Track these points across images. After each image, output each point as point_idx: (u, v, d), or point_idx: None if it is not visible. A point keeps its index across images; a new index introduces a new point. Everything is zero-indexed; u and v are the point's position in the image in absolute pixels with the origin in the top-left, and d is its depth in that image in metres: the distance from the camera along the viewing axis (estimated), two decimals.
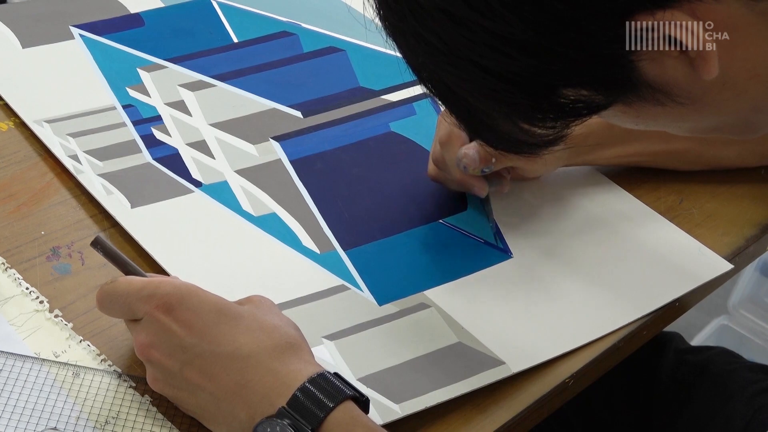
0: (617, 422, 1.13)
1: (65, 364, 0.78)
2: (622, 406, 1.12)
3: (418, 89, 1.07)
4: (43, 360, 0.78)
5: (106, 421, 0.75)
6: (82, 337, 0.80)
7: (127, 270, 0.79)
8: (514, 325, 0.87)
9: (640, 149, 1.01)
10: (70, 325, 0.81)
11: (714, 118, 0.68)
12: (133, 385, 0.77)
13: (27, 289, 0.83)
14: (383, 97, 1.07)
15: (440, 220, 0.95)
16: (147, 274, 0.79)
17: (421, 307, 0.87)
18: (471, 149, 0.92)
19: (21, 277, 0.83)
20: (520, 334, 0.86)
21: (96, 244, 0.79)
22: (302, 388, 0.71)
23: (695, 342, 1.70)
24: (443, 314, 0.87)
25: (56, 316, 0.81)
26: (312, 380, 0.72)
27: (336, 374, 0.74)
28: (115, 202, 0.91)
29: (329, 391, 0.71)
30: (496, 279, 0.91)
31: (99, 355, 0.79)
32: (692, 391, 1.10)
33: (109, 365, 0.78)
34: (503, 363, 0.83)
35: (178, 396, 0.75)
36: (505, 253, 0.93)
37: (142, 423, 0.75)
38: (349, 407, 0.72)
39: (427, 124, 1.05)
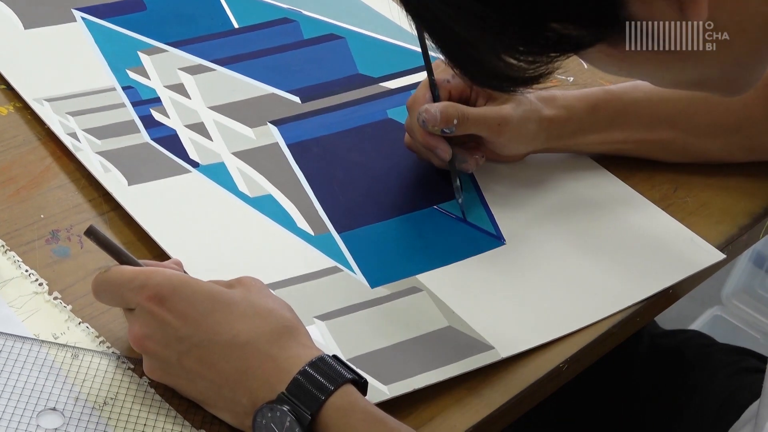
0: (595, 412, 1.13)
1: (64, 345, 0.78)
2: (599, 394, 1.13)
3: (416, 77, 1.09)
4: (42, 341, 0.78)
5: (105, 402, 0.75)
6: (80, 319, 0.80)
7: (121, 259, 0.79)
8: (504, 311, 0.87)
9: (624, 137, 1.00)
10: (69, 307, 0.81)
11: (696, 70, 0.69)
12: (132, 367, 0.78)
13: (26, 271, 0.83)
14: (381, 84, 1.08)
15: (435, 206, 0.96)
16: (141, 262, 0.79)
17: (412, 290, 0.88)
18: (433, 106, 0.93)
19: (20, 260, 0.84)
20: (511, 319, 0.87)
21: (89, 233, 0.79)
22: (302, 373, 0.72)
23: None
24: (434, 298, 0.87)
25: (55, 298, 0.82)
26: (311, 364, 0.72)
27: (335, 357, 0.74)
28: (112, 180, 0.92)
29: (329, 375, 0.72)
30: (489, 265, 0.92)
31: (98, 337, 0.79)
32: (668, 376, 1.10)
33: (107, 347, 0.79)
34: (492, 348, 0.83)
35: (177, 383, 0.76)
36: (498, 240, 0.94)
37: (140, 404, 0.76)
38: (348, 391, 0.72)
39: None
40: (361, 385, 0.74)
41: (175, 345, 0.74)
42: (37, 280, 0.83)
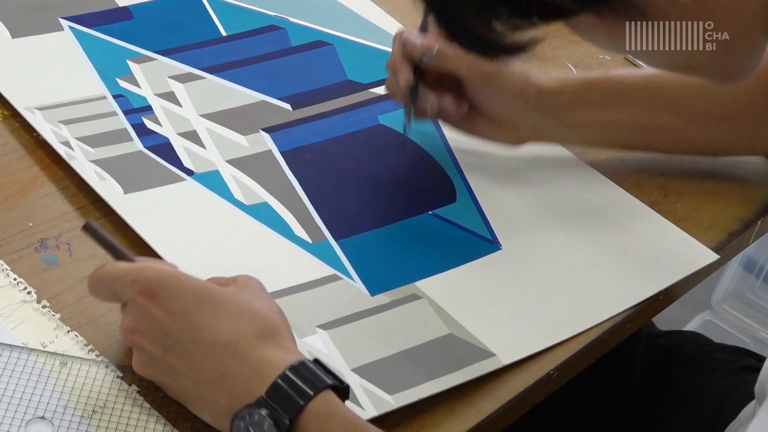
0: (592, 412, 1.13)
1: (53, 353, 0.78)
2: (595, 394, 1.13)
3: None
4: (31, 349, 0.78)
5: (94, 411, 0.75)
6: (69, 328, 0.80)
7: (117, 255, 0.79)
8: (503, 317, 0.87)
9: (620, 118, 0.99)
10: (58, 315, 0.81)
11: (686, 48, 0.68)
12: (120, 375, 0.78)
13: (15, 279, 0.83)
14: (371, 90, 1.08)
15: (429, 212, 0.96)
16: (136, 258, 0.79)
17: (412, 298, 0.88)
18: (416, 32, 0.93)
19: (9, 268, 0.84)
20: (510, 325, 0.87)
21: (87, 228, 0.79)
22: (282, 377, 0.71)
23: None
24: (434, 305, 0.87)
25: (44, 306, 0.81)
26: (292, 368, 0.72)
27: (316, 361, 0.73)
28: (107, 188, 0.92)
29: (309, 380, 0.71)
30: (486, 270, 0.92)
31: (86, 345, 0.79)
32: (666, 375, 1.10)
33: (96, 355, 0.79)
34: (494, 355, 0.83)
35: (162, 381, 0.76)
36: (494, 245, 0.94)
37: (129, 412, 0.75)
38: (328, 397, 0.72)
39: None
40: (342, 391, 0.74)
41: (161, 340, 0.74)
42: (25, 288, 0.83)
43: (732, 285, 1.88)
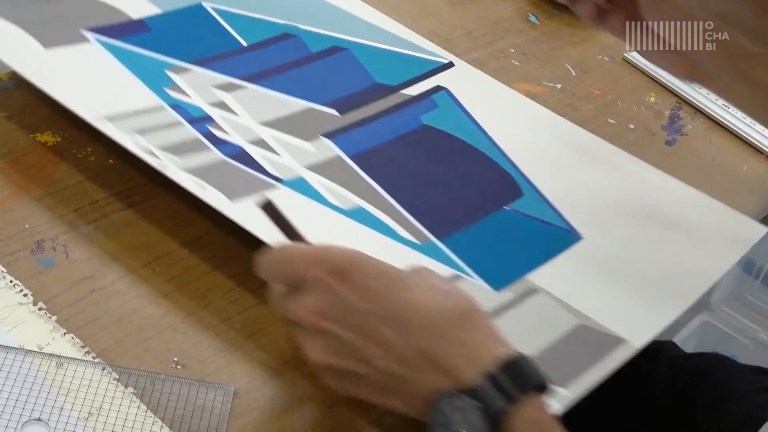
0: (608, 429, 1.13)
1: (49, 355, 0.78)
2: (614, 415, 1.13)
3: (432, 81, 1.09)
4: (27, 351, 0.78)
5: (90, 413, 0.75)
6: (65, 330, 0.80)
7: (295, 237, 0.75)
8: (616, 302, 0.87)
9: None
10: (54, 317, 0.81)
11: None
12: (117, 377, 0.77)
13: (11, 282, 0.83)
14: (402, 92, 1.07)
15: (505, 207, 0.95)
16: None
17: (531, 291, 0.86)
18: None
19: (5, 270, 0.83)
20: (626, 309, 0.86)
21: (266, 208, 0.75)
22: (497, 369, 0.67)
23: (678, 339, 1.71)
24: (553, 297, 0.86)
25: (40, 309, 0.81)
26: (508, 362, 0.67)
27: (527, 358, 0.68)
28: (214, 196, 0.87)
29: (524, 378, 0.67)
30: (580, 260, 0.91)
31: (83, 347, 0.79)
32: (689, 396, 1.10)
33: (93, 357, 0.78)
34: (626, 340, 0.83)
35: (345, 367, 0.71)
36: (576, 235, 0.94)
37: (126, 414, 0.75)
38: (540, 403, 0.67)
39: (450, 115, 1.05)
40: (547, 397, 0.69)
41: (353, 323, 0.69)
42: (22, 290, 0.82)
43: (731, 286, 1.87)
